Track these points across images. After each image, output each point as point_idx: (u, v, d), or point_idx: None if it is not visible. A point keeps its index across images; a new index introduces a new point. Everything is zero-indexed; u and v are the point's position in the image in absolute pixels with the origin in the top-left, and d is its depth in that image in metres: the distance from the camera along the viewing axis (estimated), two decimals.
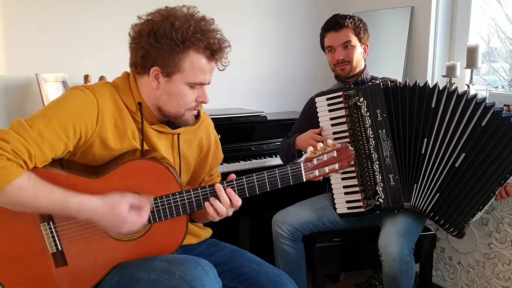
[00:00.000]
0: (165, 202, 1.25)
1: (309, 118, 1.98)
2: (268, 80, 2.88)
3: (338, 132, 1.80)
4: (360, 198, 1.79)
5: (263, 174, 1.28)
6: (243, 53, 2.72)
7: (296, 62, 2.96)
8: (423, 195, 1.74)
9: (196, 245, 1.47)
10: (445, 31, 2.48)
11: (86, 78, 2.15)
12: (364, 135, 1.74)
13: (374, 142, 1.73)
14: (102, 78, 2.15)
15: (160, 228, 1.28)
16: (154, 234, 1.29)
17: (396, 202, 1.74)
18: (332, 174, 1.34)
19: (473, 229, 2.16)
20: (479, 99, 1.66)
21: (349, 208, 1.82)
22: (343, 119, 1.79)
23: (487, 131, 1.63)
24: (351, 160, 1.32)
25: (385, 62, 2.64)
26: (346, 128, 1.78)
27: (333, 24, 1.95)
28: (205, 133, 1.47)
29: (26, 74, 2.15)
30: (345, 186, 1.82)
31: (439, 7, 2.43)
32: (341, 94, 1.78)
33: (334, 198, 1.85)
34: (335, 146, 1.31)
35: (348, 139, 1.78)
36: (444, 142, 1.69)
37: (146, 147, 1.31)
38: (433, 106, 1.69)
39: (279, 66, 2.91)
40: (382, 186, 1.74)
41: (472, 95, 1.67)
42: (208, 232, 1.54)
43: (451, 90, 1.68)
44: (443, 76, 2.32)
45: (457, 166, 1.68)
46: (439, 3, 2.43)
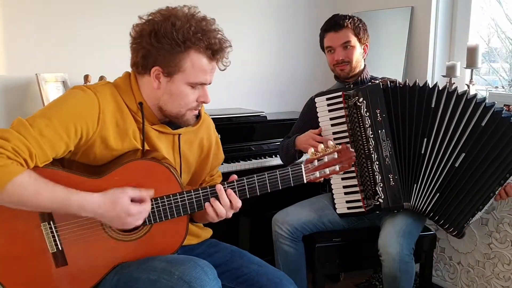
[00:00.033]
0: (165, 203, 1.25)
1: (309, 118, 1.98)
2: (268, 80, 2.88)
3: (337, 132, 1.80)
4: (360, 198, 1.79)
5: (264, 175, 1.28)
6: (243, 53, 2.72)
7: (296, 62, 2.96)
8: (423, 195, 1.74)
9: (196, 245, 1.47)
10: (445, 31, 2.48)
11: (86, 78, 2.14)
12: (363, 135, 1.74)
13: (373, 142, 1.73)
14: (102, 78, 2.15)
15: (160, 228, 1.28)
16: (155, 235, 1.29)
17: (396, 202, 1.74)
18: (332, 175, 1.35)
19: (473, 229, 2.16)
20: (479, 99, 1.66)
21: (349, 208, 1.83)
22: (343, 119, 1.79)
23: (487, 131, 1.63)
24: (352, 161, 1.32)
25: (385, 62, 2.64)
26: (346, 128, 1.78)
27: (332, 24, 1.95)
28: (206, 133, 1.47)
29: (26, 74, 2.15)
30: (345, 186, 1.82)
31: (439, 7, 2.43)
32: (340, 94, 1.79)
33: (334, 198, 1.85)
34: (336, 147, 1.31)
35: (347, 139, 1.78)
36: (444, 142, 1.69)
37: (147, 147, 1.31)
38: (432, 106, 1.69)
39: (279, 66, 2.91)
40: (382, 186, 1.74)
41: (472, 95, 1.67)
42: (208, 232, 1.54)
43: (451, 90, 1.68)
44: (443, 76, 2.32)
45: (457, 166, 1.68)
46: (439, 3, 2.43)
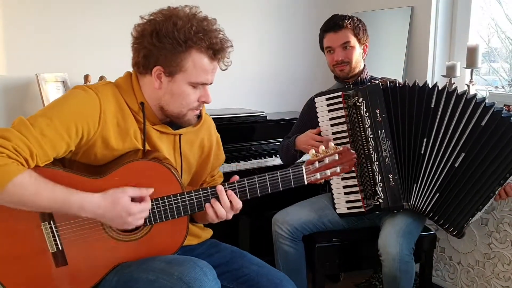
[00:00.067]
0: (166, 203, 1.25)
1: (309, 118, 1.98)
2: (268, 80, 2.88)
3: (337, 132, 1.80)
4: (360, 198, 1.79)
5: (265, 176, 1.28)
6: (243, 53, 2.72)
7: (296, 62, 2.96)
8: (423, 195, 1.74)
9: (196, 245, 1.47)
10: (445, 31, 2.48)
11: (86, 78, 2.15)
12: (363, 135, 1.74)
13: (373, 142, 1.73)
14: (102, 78, 2.15)
15: (161, 228, 1.28)
16: (155, 235, 1.29)
17: (395, 202, 1.74)
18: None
19: (473, 229, 2.16)
20: (479, 99, 1.66)
21: (349, 208, 1.83)
22: (343, 119, 1.79)
23: (487, 131, 1.63)
24: (353, 163, 1.31)
25: (385, 62, 2.64)
26: (346, 128, 1.78)
27: (332, 25, 1.94)
28: (206, 133, 1.47)
29: (26, 74, 2.15)
30: (345, 186, 1.82)
31: (439, 7, 2.43)
32: (340, 94, 1.78)
33: (334, 198, 1.85)
34: (337, 149, 1.30)
35: (347, 139, 1.78)
36: (443, 142, 1.69)
37: (148, 147, 1.31)
38: (432, 106, 1.69)
39: (279, 66, 2.91)
40: (381, 186, 1.74)
41: (471, 95, 1.67)
42: (208, 232, 1.54)
43: (451, 90, 1.68)
44: (443, 76, 2.32)
45: (456, 166, 1.68)
46: (439, 3, 2.43)
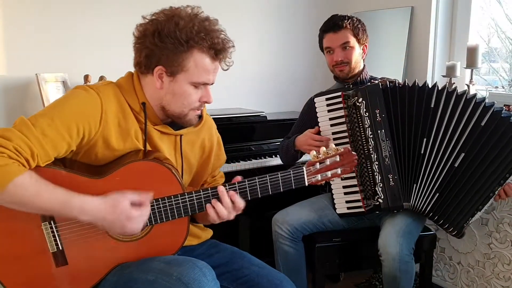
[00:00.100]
0: (166, 204, 1.25)
1: (308, 118, 1.98)
2: (268, 80, 2.88)
3: (337, 132, 1.80)
4: (359, 198, 1.79)
5: (266, 177, 1.28)
6: (243, 53, 2.70)
7: (296, 62, 2.96)
8: (423, 195, 1.74)
9: (196, 246, 1.47)
10: (445, 31, 2.48)
11: (86, 78, 2.15)
12: (363, 135, 1.74)
13: (373, 142, 1.73)
14: (102, 78, 2.15)
15: (161, 229, 1.28)
16: (155, 235, 1.29)
17: (395, 202, 1.74)
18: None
19: (473, 229, 2.16)
20: (479, 99, 1.66)
21: (348, 208, 1.83)
22: (342, 119, 1.79)
23: (487, 131, 1.63)
24: (354, 165, 1.31)
25: (385, 62, 2.64)
26: (345, 128, 1.78)
27: (331, 25, 1.94)
28: (207, 134, 1.47)
29: (26, 74, 2.15)
30: (344, 186, 1.82)
31: (439, 7, 2.43)
32: (340, 94, 1.79)
33: (334, 198, 1.85)
34: (338, 150, 1.30)
35: (347, 140, 1.78)
36: (443, 142, 1.69)
37: (149, 148, 1.31)
38: (432, 106, 1.69)
39: (279, 66, 2.91)
40: (381, 186, 1.74)
41: (471, 95, 1.67)
42: (208, 233, 1.54)
43: (450, 90, 1.68)
44: (443, 76, 2.32)
45: (456, 166, 1.68)
46: (439, 3, 2.43)
